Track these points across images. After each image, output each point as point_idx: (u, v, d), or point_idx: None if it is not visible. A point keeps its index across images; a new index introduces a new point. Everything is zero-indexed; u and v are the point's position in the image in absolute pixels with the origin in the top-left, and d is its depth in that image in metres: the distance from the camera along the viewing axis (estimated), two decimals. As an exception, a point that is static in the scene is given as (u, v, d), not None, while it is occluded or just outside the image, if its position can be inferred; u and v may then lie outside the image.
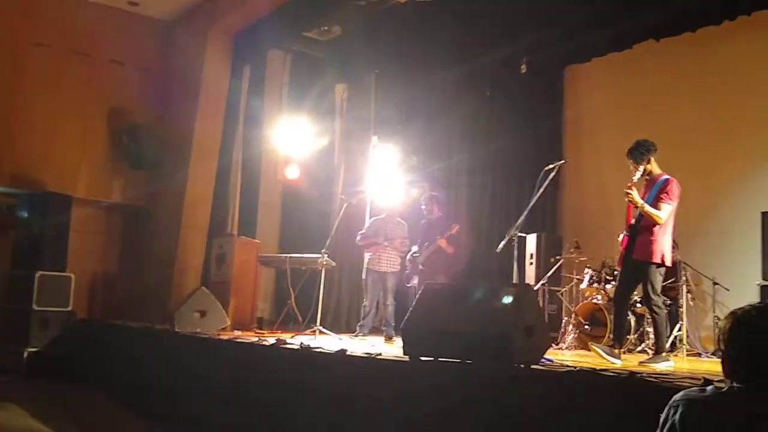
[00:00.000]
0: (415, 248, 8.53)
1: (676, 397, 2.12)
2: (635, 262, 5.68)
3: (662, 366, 5.28)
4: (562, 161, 6.43)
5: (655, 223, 5.54)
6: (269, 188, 10.89)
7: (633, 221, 5.75)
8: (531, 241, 9.02)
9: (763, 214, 7.11)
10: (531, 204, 6.31)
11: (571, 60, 9.91)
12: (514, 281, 6.46)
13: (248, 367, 5.99)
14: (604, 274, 7.79)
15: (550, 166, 6.36)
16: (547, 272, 8.52)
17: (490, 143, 10.26)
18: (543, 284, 8.49)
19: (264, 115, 10.46)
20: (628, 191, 5.57)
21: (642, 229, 5.65)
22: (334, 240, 8.52)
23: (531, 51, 9.23)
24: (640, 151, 5.66)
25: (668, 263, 5.67)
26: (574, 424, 3.61)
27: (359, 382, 4.91)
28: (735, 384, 2.06)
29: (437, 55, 9.70)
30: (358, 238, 8.62)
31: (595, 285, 7.83)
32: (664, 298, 6.12)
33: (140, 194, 10.11)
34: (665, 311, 5.72)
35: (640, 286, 5.86)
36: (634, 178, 5.64)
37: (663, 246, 5.57)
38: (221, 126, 10.06)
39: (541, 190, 6.28)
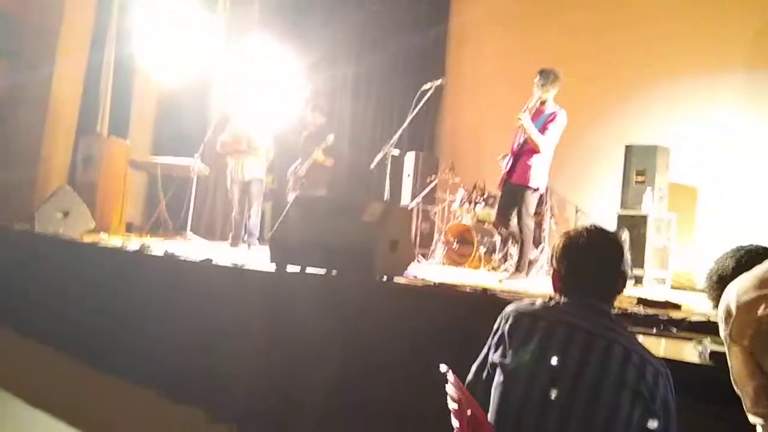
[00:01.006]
0: (297, 162, 8.40)
1: (508, 308, 2.24)
2: (513, 186, 5.87)
3: (519, 284, 5.54)
4: (439, 82, 6.44)
5: (536, 150, 5.72)
6: (143, 88, 10.35)
7: (516, 147, 5.90)
8: (409, 159, 9.11)
9: (627, 147, 7.45)
10: (406, 122, 6.35)
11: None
12: (385, 197, 6.53)
13: (111, 272, 5.82)
14: (475, 196, 8.00)
15: (427, 85, 6.38)
16: (423, 191, 8.68)
17: (375, 55, 10.13)
18: (417, 203, 8.65)
19: (139, 10, 9.83)
20: (520, 116, 5.70)
21: (523, 154, 5.82)
22: (208, 146, 8.28)
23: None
24: (551, 77, 5.76)
25: (542, 190, 5.92)
26: (430, 335, 3.75)
27: (225, 291, 4.88)
28: (562, 299, 2.18)
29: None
30: (218, 145, 8.08)
31: (466, 206, 8.05)
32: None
33: (1, 87, 9.41)
34: (532, 234, 5.98)
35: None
36: (529, 104, 5.76)
37: (540, 172, 5.79)
38: (92, 18, 9.44)
39: (417, 109, 6.32)
